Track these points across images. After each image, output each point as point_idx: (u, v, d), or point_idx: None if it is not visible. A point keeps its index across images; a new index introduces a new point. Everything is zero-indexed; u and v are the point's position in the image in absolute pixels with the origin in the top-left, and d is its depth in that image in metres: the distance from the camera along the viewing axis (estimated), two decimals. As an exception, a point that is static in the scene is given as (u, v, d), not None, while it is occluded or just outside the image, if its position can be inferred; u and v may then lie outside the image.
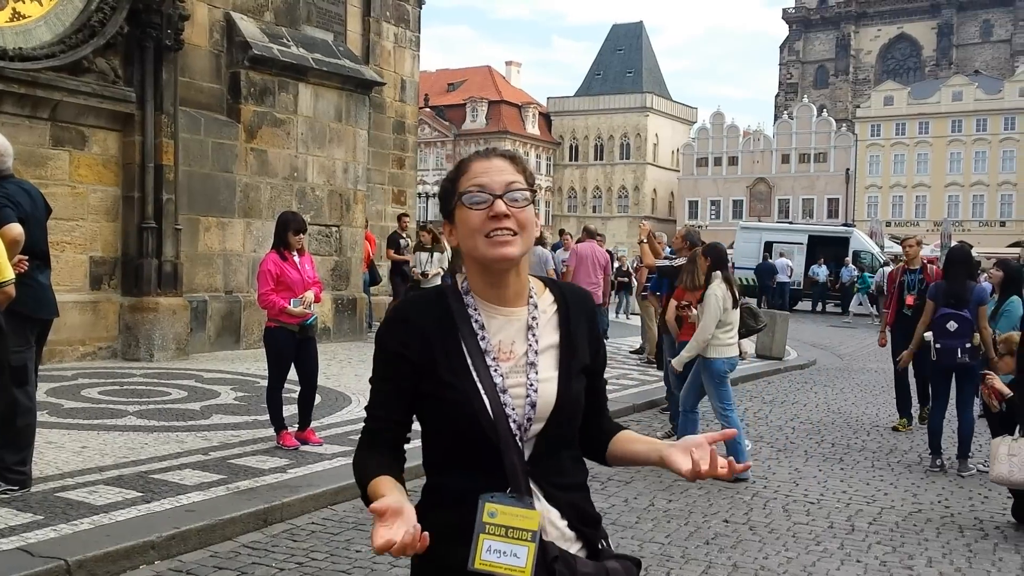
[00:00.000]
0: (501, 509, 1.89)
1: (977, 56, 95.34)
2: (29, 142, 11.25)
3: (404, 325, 2.02)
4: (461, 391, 1.96)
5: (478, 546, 1.87)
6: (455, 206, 2.03)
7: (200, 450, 7.35)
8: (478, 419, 1.95)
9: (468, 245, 2.02)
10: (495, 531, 1.86)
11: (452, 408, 1.97)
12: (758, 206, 79.37)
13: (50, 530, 5.22)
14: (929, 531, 6.59)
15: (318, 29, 15.90)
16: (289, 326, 7.53)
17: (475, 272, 2.06)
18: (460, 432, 1.97)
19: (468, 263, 2.06)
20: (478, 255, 2.01)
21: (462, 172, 2.05)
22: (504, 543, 1.86)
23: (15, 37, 11.04)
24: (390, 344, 2.02)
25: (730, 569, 5.59)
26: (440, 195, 2.10)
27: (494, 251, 1.98)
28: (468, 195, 2.00)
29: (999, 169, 73.39)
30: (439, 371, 1.97)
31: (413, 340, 1.99)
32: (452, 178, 2.06)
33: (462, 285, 2.07)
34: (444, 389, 1.97)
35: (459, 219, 2.03)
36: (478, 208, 1.99)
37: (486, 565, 1.86)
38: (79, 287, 11.88)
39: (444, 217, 2.10)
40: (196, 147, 13.21)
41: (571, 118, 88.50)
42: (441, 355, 1.98)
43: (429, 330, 2.00)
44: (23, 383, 5.91)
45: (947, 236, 35.40)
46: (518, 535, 1.86)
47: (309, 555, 5.50)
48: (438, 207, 2.33)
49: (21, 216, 5.78)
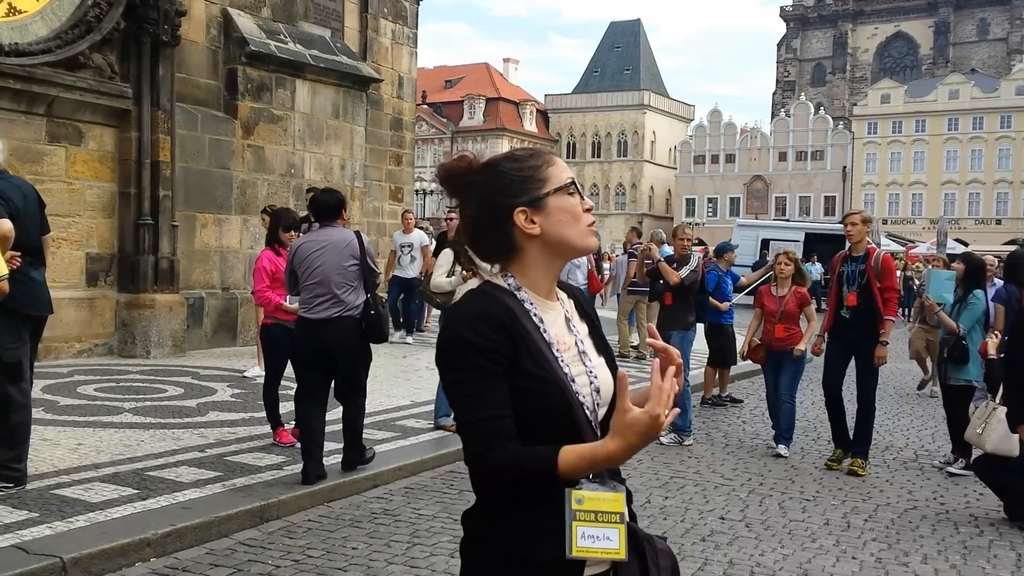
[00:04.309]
0: (587, 495, 1.91)
1: (974, 54, 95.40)
2: (25, 138, 11.24)
3: (488, 321, 1.96)
4: (549, 383, 1.96)
5: (572, 534, 1.87)
6: (549, 193, 2.03)
7: (196, 447, 7.35)
8: (565, 409, 1.97)
9: (563, 234, 2.03)
10: (585, 517, 1.88)
11: (538, 400, 1.95)
12: (755, 204, 79.44)
13: (45, 527, 5.21)
14: (924, 528, 6.60)
15: (315, 25, 15.89)
16: (286, 323, 7.52)
17: (541, 264, 2.06)
18: (543, 424, 1.96)
19: (542, 251, 2.05)
20: (574, 243, 2.05)
21: (548, 163, 2.06)
22: (596, 528, 1.88)
23: (11, 32, 11.02)
24: (479, 342, 1.94)
25: (726, 566, 5.60)
26: (517, 177, 2.03)
27: (590, 240, 2.06)
28: (571, 185, 2.04)
29: (995, 167, 73.48)
30: (523, 364, 1.95)
31: (499, 334, 1.95)
32: (537, 165, 2.05)
33: (508, 281, 2.05)
34: (530, 381, 1.95)
35: (555, 207, 2.02)
36: (583, 204, 2.05)
37: (583, 551, 1.87)
38: (75, 283, 11.87)
39: (517, 203, 2.02)
40: (193, 143, 13.19)
41: (569, 115, 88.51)
42: (522, 348, 1.96)
43: (508, 324, 1.97)
44: (17, 380, 5.90)
45: (943, 234, 35.43)
46: (607, 518, 1.89)
47: (305, 552, 5.50)
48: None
49: (12, 212, 5.76)
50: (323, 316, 6.66)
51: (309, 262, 6.68)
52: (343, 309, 6.68)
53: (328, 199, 7.02)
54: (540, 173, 2.03)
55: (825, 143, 79.06)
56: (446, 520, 6.24)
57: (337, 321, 6.66)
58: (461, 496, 6.89)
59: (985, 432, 6.93)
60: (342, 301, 6.67)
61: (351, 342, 6.76)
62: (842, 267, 8.21)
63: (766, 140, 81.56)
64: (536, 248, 2.04)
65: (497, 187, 2.03)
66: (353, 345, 6.79)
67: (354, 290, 6.76)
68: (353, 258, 6.73)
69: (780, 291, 8.93)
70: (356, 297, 6.77)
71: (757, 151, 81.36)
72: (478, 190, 2.05)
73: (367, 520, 6.21)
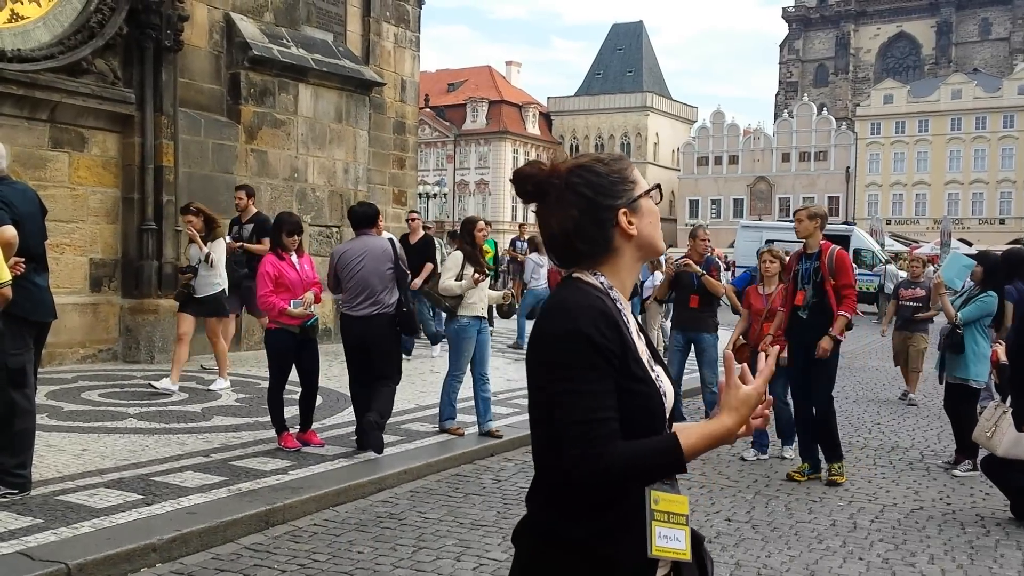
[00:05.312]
0: (662, 496, 1.95)
1: (976, 54, 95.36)
2: (28, 144, 11.25)
3: (605, 318, 1.96)
4: (652, 385, 2.00)
5: (652, 533, 1.90)
6: (642, 195, 2.09)
7: (201, 452, 7.34)
8: (661, 412, 2.01)
9: (652, 235, 2.11)
10: (661, 518, 1.92)
11: (643, 402, 1.98)
12: (759, 205, 79.39)
13: (50, 533, 5.21)
14: (931, 528, 6.58)
15: (318, 29, 15.88)
16: (290, 327, 7.52)
17: (628, 267, 2.11)
18: (638, 425, 1.96)
19: (634, 252, 2.10)
20: (657, 245, 2.14)
21: (631, 166, 2.13)
22: (669, 528, 1.92)
23: (13, 38, 11.03)
24: (599, 339, 1.93)
25: (733, 568, 5.58)
26: (615, 178, 2.07)
27: (663, 243, 2.19)
28: (654, 189, 2.12)
29: (998, 167, 73.41)
30: (630, 365, 1.96)
31: (614, 333, 1.95)
32: (625, 168, 2.11)
33: (600, 280, 2.05)
34: (637, 383, 1.97)
35: (647, 209, 2.10)
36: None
37: (660, 551, 1.91)
38: (79, 289, 11.87)
39: (619, 205, 2.06)
40: (196, 148, 13.19)
41: (571, 118, 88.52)
42: (627, 350, 1.97)
43: (619, 324, 1.98)
44: (22, 386, 5.89)
45: (947, 234, 35.43)
46: (676, 520, 1.94)
47: (311, 556, 5.49)
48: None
49: (15, 218, 5.76)
50: (363, 314, 7.67)
51: (352, 268, 7.70)
52: (380, 308, 7.69)
53: (366, 210, 8.13)
54: (631, 175, 2.09)
55: (828, 144, 79.01)
56: (452, 524, 6.23)
57: (375, 318, 7.67)
58: (467, 500, 6.88)
59: (995, 436, 6.86)
60: (379, 301, 7.69)
61: (385, 336, 7.79)
62: (797, 265, 7.85)
63: (769, 141, 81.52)
64: (631, 249, 2.08)
65: (599, 188, 2.06)
66: (387, 338, 7.83)
67: (389, 291, 7.78)
68: (389, 263, 7.79)
69: (766, 289, 8.80)
70: (391, 297, 7.78)
71: (760, 152, 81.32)
72: (578, 192, 2.05)
73: (373, 524, 6.20)
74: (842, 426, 10.36)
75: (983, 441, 7.08)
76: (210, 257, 9.83)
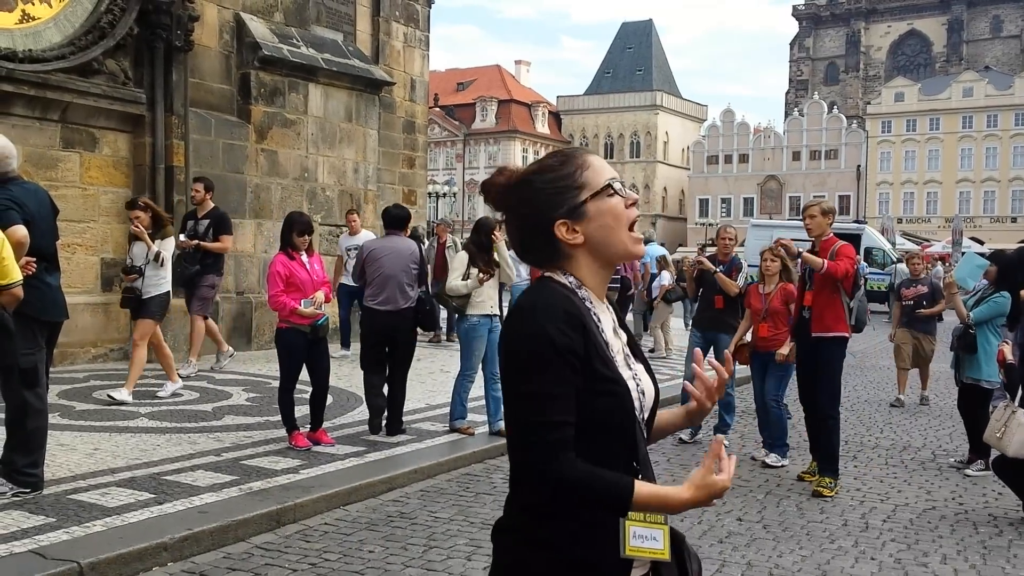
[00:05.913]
0: None
1: (987, 52, 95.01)
2: (39, 144, 11.28)
3: (569, 319, 1.93)
4: (619, 383, 1.96)
5: (625, 533, 1.89)
6: (587, 200, 1.99)
7: (212, 451, 7.35)
8: (630, 411, 1.98)
9: (607, 239, 2.01)
10: (636, 517, 1.91)
11: (607, 401, 1.94)
12: (769, 203, 79.25)
13: (62, 532, 5.22)
14: (943, 528, 6.56)
15: (328, 29, 15.90)
16: (301, 327, 7.53)
17: (595, 267, 2.04)
18: (606, 426, 1.95)
19: (589, 258, 2.03)
20: (619, 249, 2.03)
21: (583, 166, 2.01)
22: (644, 528, 1.91)
23: (25, 39, 11.06)
24: (561, 340, 1.90)
25: (744, 567, 5.57)
26: (551, 190, 2.00)
27: (637, 247, 2.04)
28: (618, 185, 2.01)
29: (1010, 165, 73.16)
30: (594, 365, 1.93)
31: (577, 333, 1.92)
32: (570, 173, 2.00)
33: (569, 279, 2.02)
34: (601, 383, 1.94)
35: (599, 211, 1.99)
36: (626, 201, 2.02)
37: (634, 551, 1.90)
38: (90, 289, 11.90)
39: (557, 216, 1.99)
40: (206, 148, 13.22)
41: (581, 117, 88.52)
42: (592, 349, 1.94)
43: (584, 323, 1.95)
44: (33, 385, 5.91)
45: (958, 232, 35.29)
46: (653, 519, 1.93)
47: (322, 556, 5.50)
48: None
49: (26, 218, 5.78)
50: (386, 308, 8.26)
51: (379, 264, 8.27)
52: (400, 304, 8.27)
53: (399, 213, 8.69)
54: (575, 180, 2.00)
55: (839, 142, 78.83)
56: (462, 523, 6.23)
57: (398, 312, 8.28)
58: (477, 499, 6.88)
59: (1005, 436, 6.82)
60: (401, 296, 8.26)
61: (406, 329, 8.43)
62: (805, 263, 7.69)
63: (779, 140, 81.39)
64: (584, 255, 2.03)
65: (534, 203, 2.01)
66: (407, 331, 8.47)
67: (412, 288, 8.38)
68: (414, 263, 8.39)
69: (766, 288, 8.65)
70: (412, 293, 8.38)
71: (771, 151, 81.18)
72: (517, 207, 2.05)
73: (383, 523, 6.20)
74: (854, 426, 10.37)
75: (993, 442, 7.03)
76: (160, 256, 9.18)
